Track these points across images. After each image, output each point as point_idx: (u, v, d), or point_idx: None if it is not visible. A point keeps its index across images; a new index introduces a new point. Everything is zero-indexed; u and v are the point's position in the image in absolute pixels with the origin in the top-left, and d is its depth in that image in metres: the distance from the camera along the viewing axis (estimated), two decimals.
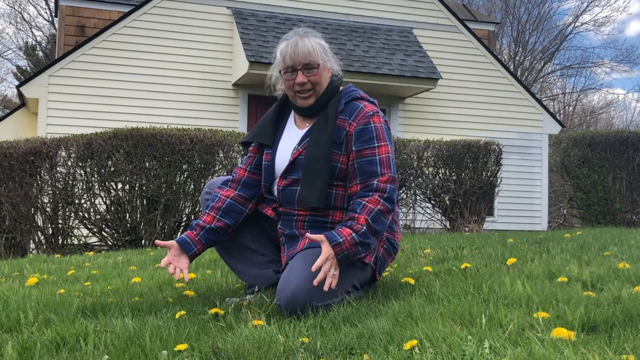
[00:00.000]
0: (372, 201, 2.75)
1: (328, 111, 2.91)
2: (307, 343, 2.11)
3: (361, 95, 3.00)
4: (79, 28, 14.13)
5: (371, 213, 2.72)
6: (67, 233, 8.49)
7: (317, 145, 2.85)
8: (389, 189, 2.78)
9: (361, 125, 2.86)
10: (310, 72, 2.89)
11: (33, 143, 8.38)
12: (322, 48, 2.95)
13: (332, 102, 2.94)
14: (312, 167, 2.83)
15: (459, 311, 2.33)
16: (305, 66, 2.89)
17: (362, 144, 2.84)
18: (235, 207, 3.02)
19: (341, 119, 2.90)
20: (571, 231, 7.90)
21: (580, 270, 3.14)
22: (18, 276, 4.63)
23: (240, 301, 2.89)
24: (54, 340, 2.34)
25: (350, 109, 2.92)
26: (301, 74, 2.89)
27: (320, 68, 2.91)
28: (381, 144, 2.84)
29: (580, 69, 36.80)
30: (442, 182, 10.17)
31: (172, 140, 8.20)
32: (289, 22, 12.21)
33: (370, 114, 2.88)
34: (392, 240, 3.01)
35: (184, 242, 2.98)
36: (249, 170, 3.08)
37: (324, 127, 2.88)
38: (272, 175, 3.00)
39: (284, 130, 3.07)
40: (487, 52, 13.71)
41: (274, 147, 3.02)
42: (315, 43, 2.93)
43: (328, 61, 2.96)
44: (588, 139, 13.07)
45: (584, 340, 1.94)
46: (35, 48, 31.94)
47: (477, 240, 5.85)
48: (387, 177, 2.80)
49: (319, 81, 2.91)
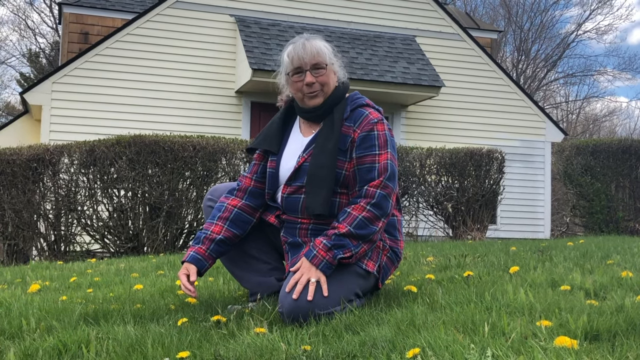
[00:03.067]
0: (357, 208, 2.74)
1: (334, 117, 2.90)
2: (309, 351, 2.11)
3: (367, 103, 2.99)
4: (83, 35, 14.17)
5: (354, 221, 2.70)
6: (70, 240, 8.49)
7: (322, 152, 2.84)
8: (377, 195, 2.75)
9: (365, 132, 2.84)
10: (318, 72, 2.90)
11: (36, 150, 8.39)
12: (330, 50, 2.97)
13: (338, 109, 2.93)
14: (318, 174, 2.81)
15: (461, 319, 2.32)
16: (314, 66, 2.89)
17: (364, 151, 2.82)
18: (243, 216, 3.01)
19: (346, 126, 2.89)
20: (574, 239, 7.89)
21: (583, 278, 3.13)
22: (20, 283, 4.63)
23: (243, 309, 2.88)
24: (56, 347, 2.34)
25: (356, 115, 2.91)
26: (309, 74, 2.89)
27: (328, 69, 2.92)
28: (382, 151, 2.82)
29: (583, 77, 36.85)
30: (445, 189, 10.16)
31: (174, 148, 8.20)
32: (292, 30, 12.23)
33: (375, 122, 2.87)
34: (395, 248, 3.00)
35: (195, 260, 2.93)
36: (254, 179, 3.06)
37: (329, 135, 2.87)
38: (277, 182, 2.99)
39: (289, 137, 3.05)
40: (490, 60, 13.72)
41: (279, 154, 3.01)
42: (323, 44, 2.95)
43: (335, 63, 2.98)
44: (591, 147, 13.06)
45: (586, 349, 1.93)
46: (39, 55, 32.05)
47: (479, 248, 5.84)
48: (378, 181, 2.77)
49: (327, 81, 2.92)
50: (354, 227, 2.69)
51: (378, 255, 2.90)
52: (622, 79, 47.50)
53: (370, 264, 2.85)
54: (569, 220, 14.32)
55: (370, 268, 2.85)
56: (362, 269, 2.82)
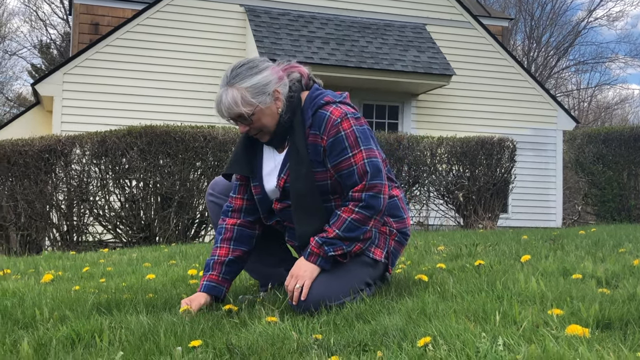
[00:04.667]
0: (346, 211, 2.68)
1: (295, 138, 2.74)
2: (320, 340, 2.11)
3: (326, 101, 2.77)
4: (93, 26, 14.21)
5: (344, 224, 2.66)
6: (82, 230, 8.54)
7: (298, 179, 2.73)
8: (364, 197, 2.67)
9: (331, 137, 2.69)
10: (246, 121, 2.73)
11: (48, 141, 8.43)
12: (253, 91, 2.69)
13: (297, 121, 2.76)
14: (301, 203, 2.73)
15: (472, 308, 2.32)
16: (238, 117, 2.73)
17: (336, 158, 2.70)
18: (245, 232, 2.94)
19: (313, 134, 2.74)
20: (586, 228, 7.86)
21: (594, 267, 3.12)
22: (33, 273, 4.66)
23: (254, 298, 2.90)
24: (69, 336, 2.35)
25: (319, 120, 2.73)
26: (240, 124, 2.77)
27: (256, 114, 2.71)
28: (354, 152, 2.69)
29: (594, 65, 36.62)
30: (456, 178, 10.14)
31: (185, 138, 8.22)
32: (302, 19, 12.21)
33: (338, 122, 2.70)
34: (403, 229, 2.95)
35: (210, 288, 2.85)
36: (245, 198, 2.96)
37: (297, 158, 2.73)
38: (267, 204, 2.90)
39: (263, 156, 2.92)
40: (501, 48, 13.65)
41: (259, 177, 2.89)
42: (241, 91, 2.68)
43: (268, 96, 2.72)
44: (603, 135, 13.00)
45: (598, 338, 1.93)
46: (50, 46, 32.16)
47: (490, 237, 5.83)
48: (362, 185, 2.67)
49: (260, 125, 2.74)
50: (342, 230, 2.66)
51: (385, 242, 2.88)
52: (634, 65, 47.24)
53: (378, 251, 2.84)
54: (581, 209, 14.27)
55: (378, 256, 2.84)
56: (369, 258, 2.82)
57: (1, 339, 2.39)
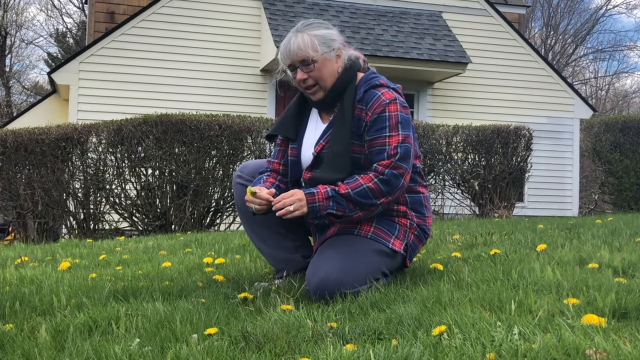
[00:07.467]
0: (364, 177, 2.71)
1: (344, 104, 2.84)
2: (335, 328, 2.12)
3: (380, 83, 2.87)
4: (109, 15, 14.24)
5: (358, 188, 2.69)
6: (99, 218, 8.60)
7: (337, 141, 2.80)
8: (387, 172, 2.71)
9: (376, 114, 2.77)
10: (308, 67, 2.81)
11: (64, 129, 8.48)
12: (321, 40, 2.82)
13: (349, 93, 2.84)
14: (334, 163, 2.79)
15: (488, 297, 2.32)
16: (302, 62, 2.81)
17: (374, 134, 2.76)
18: (282, 188, 2.97)
19: (359, 109, 2.82)
20: (602, 217, 7.81)
21: (611, 256, 3.10)
22: (51, 260, 4.71)
23: (269, 286, 2.91)
24: (86, 323, 2.38)
25: (368, 97, 2.81)
26: (300, 71, 2.83)
27: (319, 62, 2.81)
28: (392, 133, 2.75)
29: (612, 53, 36.26)
30: (472, 167, 10.10)
31: (201, 127, 8.24)
32: (317, 7, 12.17)
33: (387, 102, 2.77)
34: (423, 226, 2.98)
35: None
36: (282, 163, 3.05)
37: (342, 122, 2.81)
38: (299, 169, 2.98)
39: (308, 123, 3.03)
40: (518, 36, 13.54)
41: (299, 141, 2.98)
42: (310, 37, 2.81)
43: (332, 51, 2.84)
44: (620, 123, 12.88)
45: (614, 327, 1.92)
46: (66, 35, 32.28)
47: (506, 226, 5.80)
48: (389, 162, 2.72)
49: (319, 76, 2.82)
50: (354, 193, 2.68)
51: (405, 234, 2.89)
52: None
53: (397, 242, 2.85)
54: (598, 198, 14.16)
55: (397, 247, 2.85)
56: (388, 248, 2.82)
57: (20, 326, 2.41)
